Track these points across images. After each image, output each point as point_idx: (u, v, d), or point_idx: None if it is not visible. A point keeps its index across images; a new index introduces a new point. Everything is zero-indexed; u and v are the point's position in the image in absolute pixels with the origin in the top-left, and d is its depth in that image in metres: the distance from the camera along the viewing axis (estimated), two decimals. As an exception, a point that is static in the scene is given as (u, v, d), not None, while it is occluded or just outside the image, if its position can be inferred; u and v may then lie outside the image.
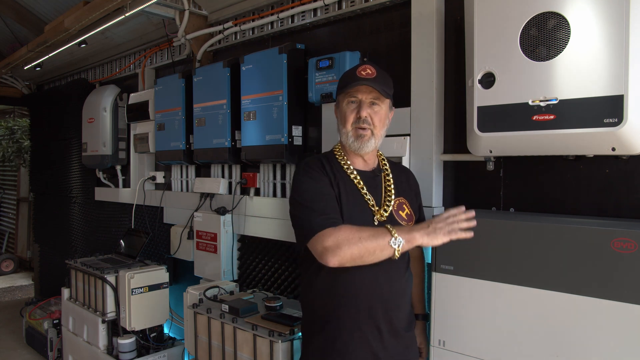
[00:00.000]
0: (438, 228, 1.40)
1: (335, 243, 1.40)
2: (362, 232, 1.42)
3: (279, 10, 2.65)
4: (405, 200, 1.67)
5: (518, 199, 1.83)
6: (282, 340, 1.87)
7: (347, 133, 1.59)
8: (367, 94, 1.56)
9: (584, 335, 1.35)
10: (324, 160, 1.63)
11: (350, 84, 1.55)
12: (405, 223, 1.61)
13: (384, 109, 1.60)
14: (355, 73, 1.56)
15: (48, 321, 3.88)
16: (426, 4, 1.98)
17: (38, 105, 5.31)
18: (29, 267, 7.30)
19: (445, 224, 1.41)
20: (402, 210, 1.63)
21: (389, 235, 1.41)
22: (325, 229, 1.44)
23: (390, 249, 1.40)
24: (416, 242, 1.42)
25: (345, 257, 1.40)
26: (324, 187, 1.54)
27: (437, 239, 1.40)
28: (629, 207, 1.58)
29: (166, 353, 2.93)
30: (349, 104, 1.58)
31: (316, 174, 1.57)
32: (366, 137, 1.57)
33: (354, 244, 1.40)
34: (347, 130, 1.59)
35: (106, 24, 3.19)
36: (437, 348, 1.66)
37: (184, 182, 3.34)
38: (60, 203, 4.87)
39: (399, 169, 1.77)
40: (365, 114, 1.55)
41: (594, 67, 1.41)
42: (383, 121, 1.60)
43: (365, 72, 1.55)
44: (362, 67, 1.57)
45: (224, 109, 2.79)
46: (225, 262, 2.86)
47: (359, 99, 1.57)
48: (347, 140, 1.60)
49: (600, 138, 1.42)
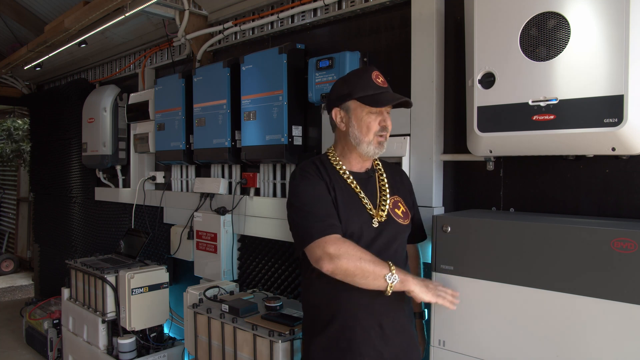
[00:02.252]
0: (430, 288, 1.50)
1: (337, 252, 1.44)
2: (365, 254, 1.47)
3: (279, 10, 2.65)
4: (400, 199, 1.69)
5: (518, 199, 1.83)
6: (282, 340, 1.87)
7: (369, 142, 1.59)
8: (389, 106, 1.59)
9: (584, 335, 1.35)
10: (318, 164, 1.64)
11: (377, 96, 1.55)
12: (402, 220, 1.63)
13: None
14: (371, 81, 1.56)
15: (48, 321, 3.87)
16: (426, 4, 1.98)
17: (38, 105, 5.31)
18: (29, 267, 7.30)
19: (436, 288, 1.51)
20: (397, 208, 1.65)
21: (387, 269, 1.45)
22: (325, 235, 1.46)
23: (384, 282, 1.45)
24: (409, 287, 1.47)
25: (341, 268, 1.44)
26: (321, 191, 1.56)
27: (426, 295, 1.48)
28: (629, 207, 1.58)
29: (166, 353, 2.93)
30: (370, 114, 1.58)
31: (313, 178, 1.58)
32: (385, 144, 1.62)
33: (352, 261, 1.44)
34: (369, 139, 1.59)
35: (106, 24, 3.19)
36: (437, 348, 1.66)
37: (184, 182, 3.34)
38: (60, 203, 4.87)
39: (392, 167, 1.79)
40: (389, 123, 1.60)
41: (594, 67, 1.41)
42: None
43: (380, 80, 1.57)
44: (375, 74, 1.58)
45: (224, 109, 2.79)
46: (225, 262, 2.87)
47: (381, 109, 1.58)
48: (366, 147, 1.59)
49: (600, 138, 1.42)
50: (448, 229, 1.61)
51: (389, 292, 1.46)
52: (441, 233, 1.63)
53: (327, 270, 1.45)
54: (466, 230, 1.59)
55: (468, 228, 1.58)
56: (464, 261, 1.59)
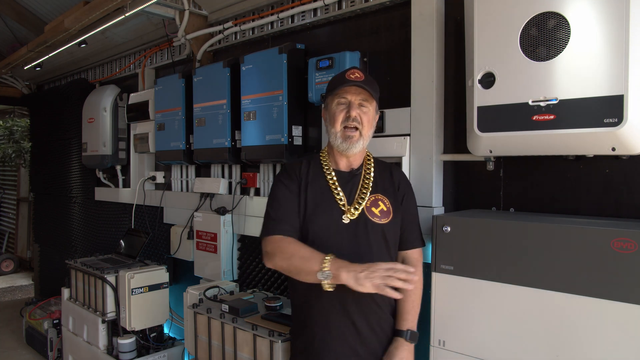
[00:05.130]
0: (369, 278, 1.36)
1: (272, 250, 1.55)
2: (299, 251, 1.50)
3: (279, 10, 2.65)
4: (384, 197, 1.65)
5: (518, 199, 1.83)
6: (282, 340, 1.87)
7: (335, 134, 1.62)
8: (356, 95, 1.60)
9: (584, 336, 1.35)
10: (305, 162, 1.69)
11: (339, 86, 1.59)
12: (378, 219, 1.61)
13: (371, 110, 1.63)
14: (344, 76, 1.60)
15: (48, 321, 3.87)
16: (426, 4, 1.98)
17: (38, 105, 5.30)
18: (29, 267, 7.30)
19: (379, 275, 1.36)
20: (376, 206, 1.63)
21: (319, 266, 1.42)
22: (269, 235, 1.58)
23: (316, 279, 1.43)
24: (341, 281, 1.40)
25: (277, 265, 1.55)
26: (286, 194, 1.63)
27: (363, 287, 1.37)
28: (629, 207, 1.58)
29: (166, 353, 2.93)
30: (339, 105, 1.61)
31: (285, 180, 1.66)
32: (354, 139, 1.60)
33: (284, 259, 1.52)
34: (335, 130, 1.61)
35: (106, 24, 3.19)
36: (437, 348, 1.66)
37: (184, 182, 3.34)
38: (60, 203, 4.86)
39: (386, 167, 1.74)
40: (355, 113, 1.59)
41: (594, 67, 1.41)
42: (371, 122, 1.64)
43: (354, 76, 1.59)
44: (350, 71, 1.62)
45: (224, 109, 2.79)
46: (225, 262, 2.86)
47: (349, 100, 1.60)
48: (335, 141, 1.62)
49: (600, 138, 1.42)
50: (448, 229, 1.62)
51: (328, 288, 1.43)
52: (441, 233, 1.63)
53: (269, 266, 1.57)
54: (466, 230, 1.59)
55: (468, 228, 1.58)
56: (464, 261, 1.59)
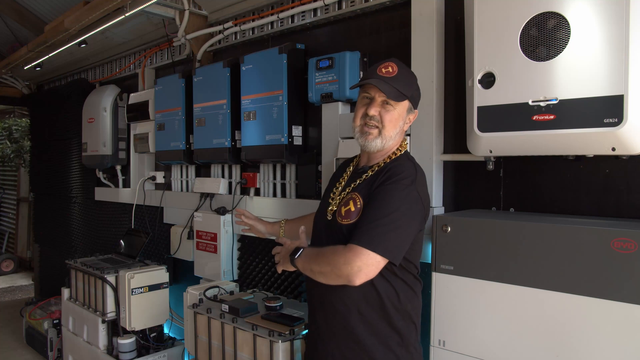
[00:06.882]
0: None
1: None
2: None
3: (279, 10, 2.65)
4: (357, 195, 1.53)
5: (518, 199, 1.83)
6: (282, 340, 1.87)
7: (354, 127, 1.59)
8: (380, 92, 1.50)
9: (584, 336, 1.35)
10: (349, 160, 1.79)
11: (365, 79, 1.54)
12: (341, 219, 1.53)
13: (397, 110, 1.53)
14: (375, 70, 1.53)
15: (48, 321, 3.87)
16: (426, 4, 1.97)
17: (38, 105, 5.30)
18: (29, 267, 7.30)
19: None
20: (345, 205, 1.54)
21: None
22: None
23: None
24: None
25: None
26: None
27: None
28: (629, 207, 1.58)
29: (166, 353, 2.93)
30: (363, 99, 1.57)
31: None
32: (371, 136, 1.54)
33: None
34: (355, 124, 1.58)
35: (106, 24, 3.19)
36: (437, 348, 1.66)
37: (184, 182, 3.34)
38: (60, 203, 4.86)
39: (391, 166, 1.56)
40: (374, 111, 1.52)
41: (594, 67, 1.41)
42: (395, 122, 1.54)
43: (385, 70, 1.51)
44: (384, 65, 1.53)
45: (224, 109, 2.79)
46: (225, 262, 2.86)
47: (372, 95, 1.54)
48: (354, 134, 1.60)
49: (600, 138, 1.42)
50: (448, 229, 1.62)
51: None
52: (441, 233, 1.63)
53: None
54: (466, 230, 1.59)
55: (468, 228, 1.58)
56: (464, 261, 1.59)
